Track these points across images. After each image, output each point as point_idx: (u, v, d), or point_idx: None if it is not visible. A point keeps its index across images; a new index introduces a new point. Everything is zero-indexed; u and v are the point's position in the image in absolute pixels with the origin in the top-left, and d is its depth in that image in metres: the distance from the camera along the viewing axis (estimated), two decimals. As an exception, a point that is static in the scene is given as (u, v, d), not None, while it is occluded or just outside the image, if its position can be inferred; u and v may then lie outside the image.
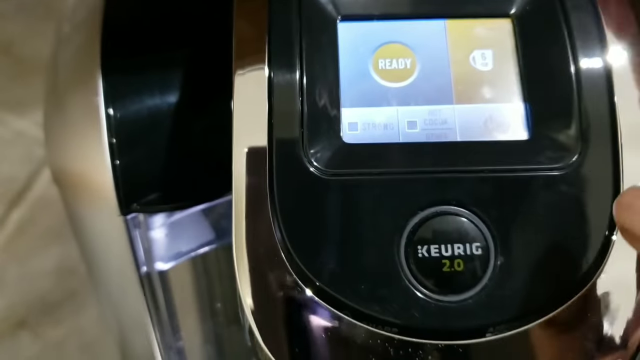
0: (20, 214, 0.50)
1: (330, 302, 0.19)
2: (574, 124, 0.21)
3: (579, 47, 0.21)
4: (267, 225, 0.19)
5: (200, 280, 0.33)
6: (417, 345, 0.19)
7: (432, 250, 0.19)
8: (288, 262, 0.19)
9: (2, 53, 0.44)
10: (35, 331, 0.55)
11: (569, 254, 0.20)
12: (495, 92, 0.22)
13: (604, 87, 0.21)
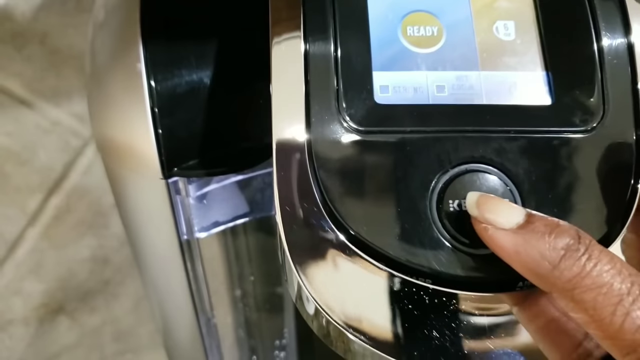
0: (58, 202, 0.51)
1: (366, 251, 0.20)
2: (596, 89, 0.21)
3: (600, 16, 0.22)
4: (306, 179, 0.20)
5: (232, 254, 0.34)
6: (448, 295, 0.20)
7: (463, 205, 0.20)
8: (326, 212, 0.20)
9: (38, 44, 0.45)
10: (72, 317, 0.57)
11: (594, 212, 0.20)
12: (519, 60, 0.22)
13: (625, 53, 0.22)
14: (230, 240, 0.33)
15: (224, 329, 0.36)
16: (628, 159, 0.21)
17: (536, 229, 0.17)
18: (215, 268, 0.34)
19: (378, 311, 0.21)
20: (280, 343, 0.38)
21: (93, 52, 0.28)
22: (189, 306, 0.32)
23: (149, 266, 0.32)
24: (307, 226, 0.20)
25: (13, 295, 0.53)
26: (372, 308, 0.21)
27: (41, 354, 0.57)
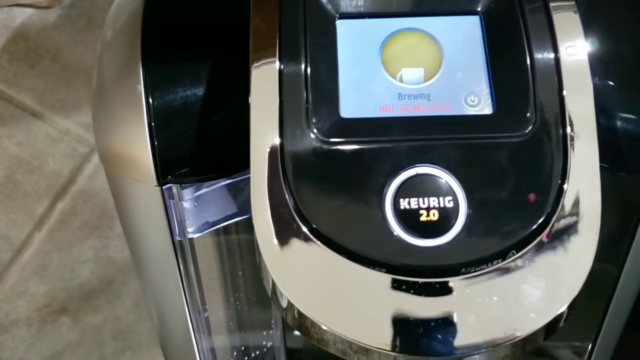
0: (64, 206, 0.55)
1: (330, 246, 0.23)
2: (529, 100, 0.25)
3: (532, 37, 0.26)
4: (279, 184, 0.24)
5: (223, 252, 0.37)
6: (399, 282, 0.23)
7: (412, 203, 0.23)
8: (295, 212, 0.24)
9: (50, 60, 0.49)
10: (74, 317, 0.60)
11: (529, 204, 0.24)
12: (467, 76, 0.26)
13: (552, 68, 0.25)
14: (222, 239, 0.37)
15: (216, 322, 0.39)
16: (556, 157, 0.24)
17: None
18: (208, 266, 0.37)
19: (344, 301, 0.24)
20: (267, 333, 0.41)
21: (99, 72, 0.32)
22: (181, 302, 0.35)
23: (146, 266, 0.36)
24: (280, 228, 0.24)
25: (17, 297, 0.56)
26: (339, 298, 0.24)
27: (42, 354, 0.60)
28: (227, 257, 0.38)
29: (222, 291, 0.40)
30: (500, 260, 0.23)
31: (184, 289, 0.34)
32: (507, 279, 0.23)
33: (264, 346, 0.44)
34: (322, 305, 0.23)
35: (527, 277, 0.23)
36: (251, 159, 0.25)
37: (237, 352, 0.43)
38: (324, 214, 0.24)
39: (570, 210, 0.24)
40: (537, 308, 0.23)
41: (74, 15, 0.48)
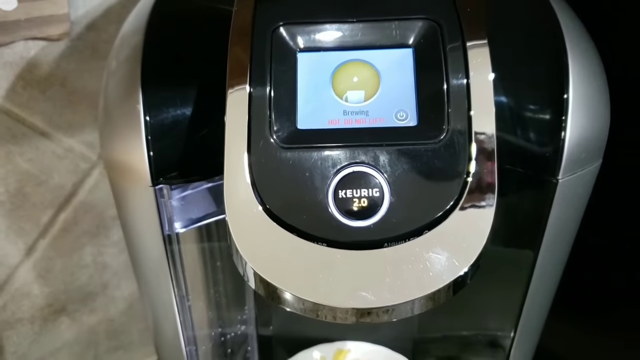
0: (66, 216, 0.61)
1: (284, 226, 0.30)
2: (444, 116, 0.32)
3: (451, 69, 0.33)
4: (245, 182, 0.31)
5: (205, 247, 0.44)
6: (337, 253, 0.30)
7: (348, 193, 0.31)
8: (258, 201, 0.31)
9: (59, 86, 0.56)
10: (73, 317, 0.66)
11: (439, 195, 0.31)
12: (398, 97, 0.33)
13: (464, 94, 0.32)
14: (204, 235, 0.43)
15: (197, 310, 0.45)
16: (462, 160, 0.31)
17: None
18: (192, 258, 0.43)
19: (295, 267, 0.31)
20: (241, 317, 0.48)
21: (105, 95, 0.39)
22: (169, 290, 0.41)
23: (140, 257, 0.42)
24: (246, 213, 0.31)
25: (23, 297, 0.62)
26: (291, 265, 0.31)
27: (43, 350, 0.66)
28: (207, 252, 0.45)
29: (203, 281, 0.47)
30: (415, 236, 0.30)
31: (172, 277, 0.41)
32: (420, 250, 0.30)
33: (238, 333, 0.50)
34: (278, 271, 0.30)
35: (436, 249, 0.30)
36: (225, 161, 0.32)
37: (215, 338, 0.50)
38: (280, 202, 0.31)
39: (471, 200, 0.31)
40: (443, 271, 0.30)
41: (80, 46, 0.55)
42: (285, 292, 0.30)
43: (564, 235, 0.42)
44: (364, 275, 0.30)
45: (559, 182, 0.37)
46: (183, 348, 0.44)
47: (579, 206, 0.41)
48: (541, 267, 0.41)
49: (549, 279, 0.43)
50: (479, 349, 0.52)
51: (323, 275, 0.30)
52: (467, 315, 0.50)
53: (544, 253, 0.41)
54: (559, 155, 0.36)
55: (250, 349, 0.51)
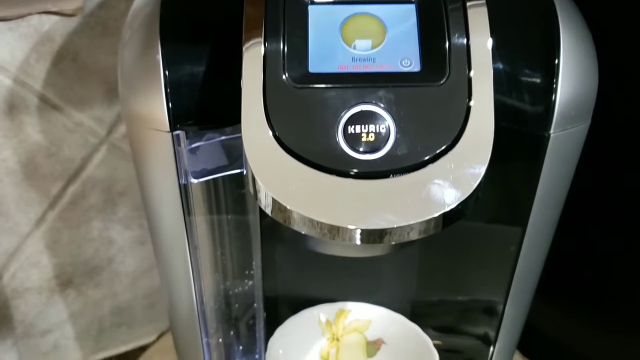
0: (75, 189, 0.63)
1: (297, 158, 0.33)
2: (445, 63, 0.35)
3: (452, 21, 0.36)
4: (261, 117, 0.33)
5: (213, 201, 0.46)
6: (346, 183, 0.32)
7: (357, 129, 0.33)
8: (273, 136, 0.33)
9: (70, 60, 0.58)
10: (79, 290, 0.68)
11: (441, 131, 0.33)
12: (403, 46, 0.36)
13: (464, 43, 0.35)
14: (213, 190, 0.45)
15: (204, 255, 0.47)
16: (462, 97, 0.34)
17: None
18: (202, 210, 0.45)
19: (308, 195, 0.33)
20: (248, 273, 0.50)
21: (126, 49, 0.40)
22: (182, 236, 0.44)
23: (155, 206, 0.44)
24: (262, 146, 0.33)
25: (32, 267, 0.64)
26: (303, 193, 0.33)
27: (49, 321, 0.67)
28: (215, 209, 0.46)
29: (211, 242, 0.49)
30: (418, 169, 0.33)
31: (185, 225, 0.43)
32: (423, 180, 0.33)
33: (243, 298, 0.52)
34: (291, 196, 0.33)
35: (438, 180, 0.33)
36: (242, 101, 0.34)
37: (220, 300, 0.51)
38: (294, 136, 0.33)
39: (471, 137, 0.33)
40: (444, 198, 0.32)
41: (92, 22, 0.57)
42: (297, 213, 0.32)
43: (556, 193, 0.44)
44: (370, 200, 0.32)
45: (550, 136, 0.39)
46: (194, 302, 0.46)
47: (569, 164, 0.43)
48: (533, 227, 0.44)
49: (540, 241, 0.46)
50: (473, 316, 0.54)
51: (332, 200, 0.32)
52: (463, 280, 0.53)
53: (536, 212, 0.43)
54: (551, 110, 0.38)
55: (256, 313, 0.53)
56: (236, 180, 0.47)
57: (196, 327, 0.48)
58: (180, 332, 0.50)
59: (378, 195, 0.32)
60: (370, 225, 0.31)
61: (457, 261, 0.52)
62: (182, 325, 0.49)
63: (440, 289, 0.54)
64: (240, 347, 0.52)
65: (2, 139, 0.57)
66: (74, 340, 0.70)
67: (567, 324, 0.66)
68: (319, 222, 0.32)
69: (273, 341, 0.49)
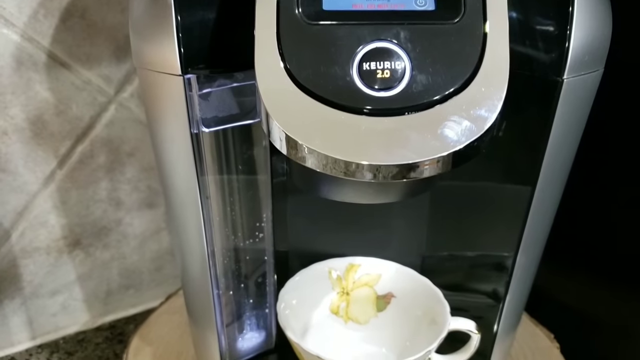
0: (83, 148, 0.63)
1: (311, 95, 0.32)
2: (460, 1, 0.34)
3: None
4: (274, 53, 0.33)
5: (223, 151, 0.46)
6: (360, 120, 0.32)
7: (371, 65, 0.33)
8: (287, 73, 0.33)
9: (79, 17, 0.57)
10: (87, 251, 0.68)
11: (456, 69, 0.33)
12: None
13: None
14: (222, 138, 0.45)
15: (215, 204, 0.47)
16: (477, 36, 0.33)
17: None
18: (212, 168, 0.45)
19: (321, 131, 0.33)
20: (259, 225, 0.50)
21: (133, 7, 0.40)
22: (194, 186, 0.43)
23: (166, 155, 0.44)
24: (276, 82, 0.33)
25: (40, 226, 0.64)
26: (317, 129, 0.33)
27: (58, 282, 0.67)
28: (225, 167, 0.46)
29: (221, 195, 0.49)
30: (434, 105, 0.32)
31: (197, 173, 0.43)
32: (438, 118, 0.32)
33: (254, 250, 0.52)
34: (306, 133, 0.32)
35: (453, 117, 0.32)
36: (256, 38, 0.34)
37: (231, 253, 0.51)
38: (308, 73, 0.33)
39: (485, 75, 0.33)
40: (460, 135, 0.32)
41: (99, -21, 0.56)
42: (311, 150, 0.32)
43: (568, 141, 0.44)
44: (385, 137, 0.32)
45: (564, 81, 0.39)
46: (206, 253, 0.46)
47: (581, 112, 0.43)
48: (546, 177, 0.43)
49: (552, 191, 0.45)
50: (483, 272, 0.54)
51: (347, 137, 0.32)
52: (473, 234, 0.52)
53: (549, 160, 0.43)
54: (565, 55, 0.38)
55: (266, 268, 0.53)
56: (246, 141, 0.47)
57: (207, 278, 0.48)
58: (190, 286, 0.50)
59: (392, 132, 0.32)
60: (385, 161, 0.31)
61: (468, 215, 0.52)
62: (193, 277, 0.49)
63: (451, 244, 0.54)
64: (251, 300, 0.52)
65: (10, 95, 0.57)
66: (82, 302, 0.70)
67: (574, 286, 0.66)
68: (333, 158, 0.31)
69: (283, 293, 0.49)
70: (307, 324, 0.50)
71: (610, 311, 0.61)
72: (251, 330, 0.54)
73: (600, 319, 0.63)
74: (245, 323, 0.54)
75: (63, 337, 0.70)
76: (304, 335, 0.49)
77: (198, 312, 0.52)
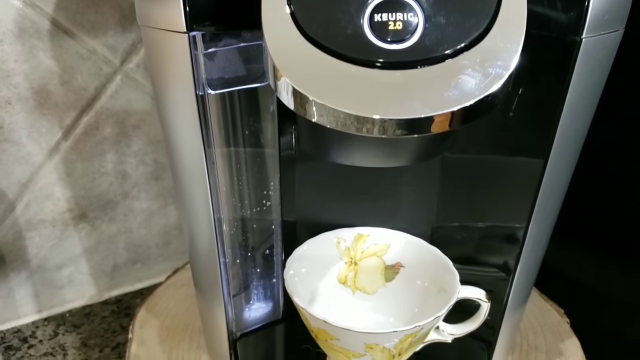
0: (88, 119, 0.62)
1: (321, 48, 0.31)
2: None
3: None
4: (284, 5, 0.32)
5: (229, 116, 0.45)
6: (372, 73, 0.31)
7: (383, 17, 0.31)
8: (295, 24, 0.32)
9: (83, -16, 0.56)
10: (93, 224, 0.67)
11: (471, 22, 0.32)
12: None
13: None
14: (228, 102, 0.44)
15: (221, 173, 0.46)
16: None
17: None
18: (218, 126, 0.44)
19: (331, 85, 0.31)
20: (267, 193, 0.49)
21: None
22: (200, 151, 0.42)
23: (172, 118, 0.43)
24: (285, 38, 0.31)
25: (45, 198, 0.63)
26: (327, 83, 0.31)
27: (63, 254, 0.67)
28: (230, 120, 0.45)
29: (228, 165, 0.48)
30: (447, 59, 0.31)
31: (202, 138, 0.42)
32: (452, 71, 0.31)
33: (261, 222, 0.51)
34: (316, 87, 0.31)
35: (467, 70, 0.31)
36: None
37: (238, 223, 0.51)
38: (319, 26, 0.32)
39: (501, 28, 0.32)
40: (471, 91, 0.31)
41: (104, -54, 0.55)
42: (320, 105, 0.31)
43: (585, 104, 0.43)
44: (397, 91, 0.31)
45: (582, 40, 0.37)
46: (212, 221, 0.45)
47: (599, 75, 0.42)
48: (561, 141, 0.42)
49: (567, 157, 0.44)
50: (493, 244, 0.53)
51: (357, 90, 0.31)
52: (485, 205, 0.51)
53: (564, 123, 0.42)
54: (584, 13, 0.37)
55: (274, 237, 0.52)
56: (253, 107, 0.46)
57: (214, 247, 0.47)
58: (197, 255, 0.49)
59: (405, 86, 0.31)
60: (396, 115, 0.30)
61: (480, 185, 0.51)
62: (200, 246, 0.48)
63: (462, 215, 0.53)
64: (258, 270, 0.52)
65: (12, 63, 0.56)
66: (88, 276, 0.70)
67: (584, 262, 0.65)
68: (343, 113, 0.30)
69: (291, 261, 0.48)
70: (314, 293, 0.50)
71: (620, 287, 0.60)
72: (258, 300, 0.54)
73: (610, 295, 0.62)
74: (253, 293, 0.53)
75: (69, 310, 0.70)
76: (311, 304, 0.49)
77: (205, 283, 0.51)
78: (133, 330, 0.59)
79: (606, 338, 0.61)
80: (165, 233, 0.73)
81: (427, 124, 0.31)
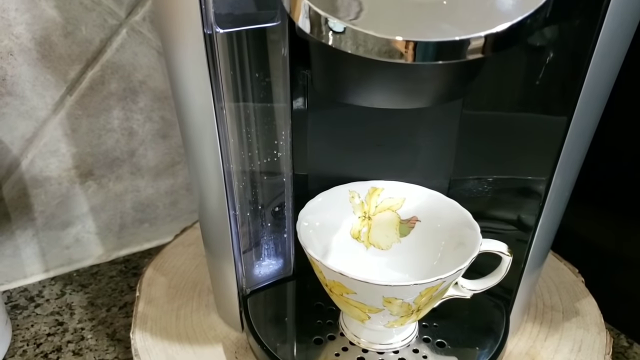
0: (93, 74, 0.60)
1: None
2: None
3: None
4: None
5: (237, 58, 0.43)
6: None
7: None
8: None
9: None
10: (100, 182, 0.66)
11: None
12: None
13: None
14: (236, 45, 0.42)
15: (230, 122, 0.44)
16: None
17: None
18: (226, 71, 0.42)
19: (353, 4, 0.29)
20: (277, 143, 0.47)
21: None
22: (207, 93, 0.40)
23: (179, 59, 0.41)
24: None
25: (50, 155, 0.62)
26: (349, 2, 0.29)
27: (70, 213, 0.66)
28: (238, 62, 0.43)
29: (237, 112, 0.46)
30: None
31: (210, 80, 0.40)
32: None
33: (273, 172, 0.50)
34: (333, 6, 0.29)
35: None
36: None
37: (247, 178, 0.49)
38: None
39: None
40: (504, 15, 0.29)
41: None
42: (339, 25, 0.29)
43: (614, 54, 0.40)
44: (424, 11, 0.28)
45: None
46: (221, 170, 0.44)
47: (631, 20, 0.39)
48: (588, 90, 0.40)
49: (593, 107, 0.42)
50: (513, 200, 0.51)
51: (380, 10, 0.29)
52: (505, 157, 0.49)
53: (593, 71, 0.39)
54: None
55: (285, 192, 0.50)
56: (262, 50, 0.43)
57: (223, 199, 0.45)
58: (206, 210, 0.48)
59: (432, 6, 0.28)
60: (423, 37, 0.28)
61: (501, 138, 0.49)
62: (209, 199, 0.46)
63: (481, 166, 0.51)
64: (269, 224, 0.50)
65: (13, 12, 0.54)
66: (95, 235, 0.68)
67: (598, 222, 0.63)
68: (365, 34, 0.28)
69: (304, 214, 0.46)
70: (326, 248, 0.48)
71: (635, 246, 0.59)
72: (269, 257, 0.52)
73: (625, 254, 0.60)
74: (263, 249, 0.52)
75: (77, 269, 0.69)
76: (323, 259, 0.47)
77: (214, 239, 0.50)
78: (140, 289, 0.58)
79: (619, 298, 0.60)
80: (174, 192, 0.71)
81: (457, 49, 0.28)
